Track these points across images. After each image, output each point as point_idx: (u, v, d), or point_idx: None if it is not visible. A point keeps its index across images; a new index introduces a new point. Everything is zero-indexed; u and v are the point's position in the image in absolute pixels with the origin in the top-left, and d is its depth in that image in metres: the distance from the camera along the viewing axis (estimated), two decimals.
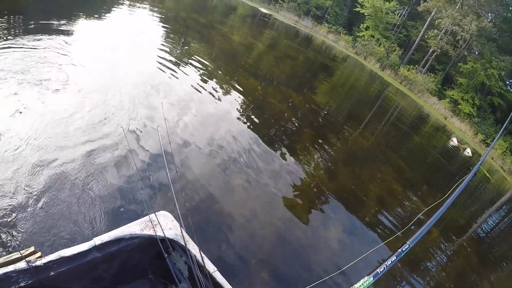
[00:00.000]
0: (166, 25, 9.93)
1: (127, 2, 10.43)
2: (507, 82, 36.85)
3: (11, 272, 1.39)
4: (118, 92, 4.70)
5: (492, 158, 24.39)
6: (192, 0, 20.34)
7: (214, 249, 2.94)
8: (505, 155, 25.20)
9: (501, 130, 2.63)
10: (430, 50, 28.28)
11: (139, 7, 10.62)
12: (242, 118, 5.93)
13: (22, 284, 1.40)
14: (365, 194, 6.07)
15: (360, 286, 0.47)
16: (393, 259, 0.76)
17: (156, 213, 1.97)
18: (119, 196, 2.89)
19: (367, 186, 6.44)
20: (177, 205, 1.88)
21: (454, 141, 18.33)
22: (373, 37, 27.82)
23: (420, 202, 7.11)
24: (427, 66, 27.66)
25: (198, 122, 4.93)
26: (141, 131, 3.93)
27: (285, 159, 5.30)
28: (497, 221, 11.27)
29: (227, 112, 5.90)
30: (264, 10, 29.01)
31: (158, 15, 10.56)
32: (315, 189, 5.09)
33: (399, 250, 0.80)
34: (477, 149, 23.61)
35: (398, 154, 10.27)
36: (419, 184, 8.59)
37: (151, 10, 10.95)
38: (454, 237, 6.73)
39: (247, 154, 4.74)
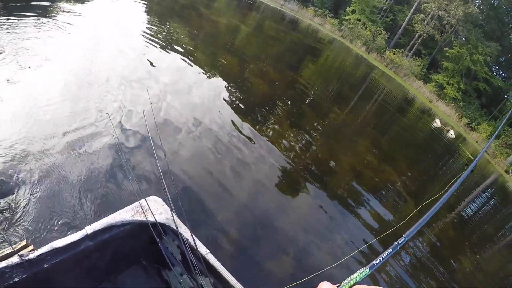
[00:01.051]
0: (152, 7, 9.61)
1: None
2: (493, 68, 37.97)
3: (4, 268, 1.39)
4: (102, 76, 4.57)
5: (476, 142, 25.04)
6: None
7: (205, 231, 2.98)
8: (489, 139, 25.90)
9: (504, 120, 2.58)
10: (417, 35, 28.67)
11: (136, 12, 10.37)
12: (228, 100, 5.91)
13: (16, 279, 1.41)
14: (355, 175, 6.14)
15: (356, 277, 0.53)
16: (389, 251, 0.79)
17: (146, 198, 1.97)
18: (108, 183, 2.90)
19: (360, 170, 6.49)
20: (166, 189, 1.88)
21: (437, 123, 18.71)
22: (359, 20, 27.97)
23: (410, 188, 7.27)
24: (413, 50, 28.04)
25: (185, 106, 4.91)
26: (127, 116, 3.88)
27: (273, 141, 5.32)
28: (482, 204, 11.57)
29: (214, 95, 5.88)
30: None
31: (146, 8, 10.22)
32: (304, 172, 5.11)
33: (396, 243, 0.82)
34: (462, 132, 24.20)
35: (386, 135, 10.49)
36: (415, 173, 8.77)
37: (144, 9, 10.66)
38: (439, 220, 6.83)
39: (235, 136, 4.76)
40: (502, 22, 35.96)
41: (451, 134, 18.52)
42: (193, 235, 1.83)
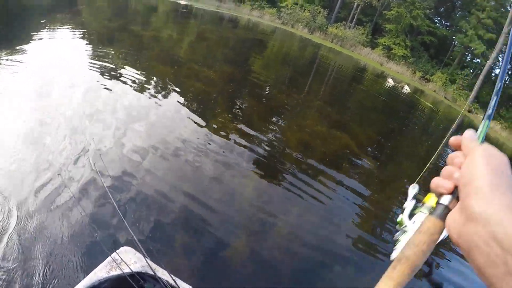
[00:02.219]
0: (91, 40, 9.20)
1: (48, 26, 9.94)
2: (436, 20, 40.14)
3: None
4: (51, 124, 4.38)
5: (434, 91, 26.43)
6: (112, 8, 20.08)
7: (184, 267, 2.94)
8: (445, 85, 27.41)
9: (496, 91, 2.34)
10: (355, 5, 30.00)
11: (61, 29, 9.89)
12: (187, 116, 5.73)
13: None
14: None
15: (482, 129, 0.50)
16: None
17: (117, 251, 1.98)
18: (75, 246, 2.82)
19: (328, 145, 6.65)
20: (134, 237, 1.92)
21: (390, 82, 19.58)
22: (297, 4, 28.96)
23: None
24: (354, 20, 29.30)
25: (135, 141, 4.61)
26: (77, 168, 3.76)
27: (238, 145, 5.22)
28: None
29: (172, 115, 5.67)
30: (184, 2, 29.17)
31: (82, 32, 9.85)
32: (280, 166, 5.09)
33: None
34: (418, 86, 25.50)
35: (347, 106, 10.92)
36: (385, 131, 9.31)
37: (74, 28, 10.24)
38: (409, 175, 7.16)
39: (195, 159, 4.54)
40: None
41: (406, 89, 19.50)
42: (172, 276, 1.85)
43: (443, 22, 38.89)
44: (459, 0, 39.66)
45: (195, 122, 5.56)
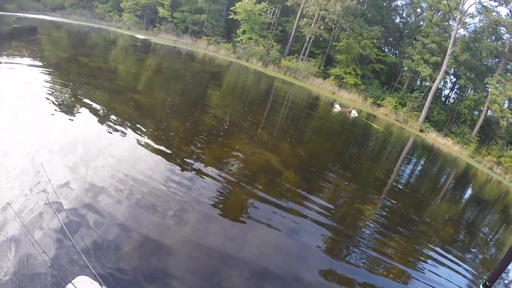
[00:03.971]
0: (50, 75, 9.38)
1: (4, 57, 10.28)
2: (385, 49, 44.32)
3: None
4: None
5: (386, 115, 28.92)
6: (72, 40, 20.68)
7: None
8: (396, 109, 30.13)
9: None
10: (307, 38, 32.90)
11: (13, 57, 10.28)
12: (145, 150, 5.82)
13: None
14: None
15: None
16: None
17: (73, 281, 2.04)
18: (29, 280, 2.77)
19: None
20: (89, 265, 1.99)
21: (337, 107, 20.99)
22: (251, 39, 31.40)
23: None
24: (307, 53, 32.04)
25: (90, 173, 4.68)
26: (29, 199, 3.78)
27: (198, 180, 5.32)
28: (411, 166, 13.90)
29: (129, 149, 5.74)
30: (142, 37, 30.75)
31: (42, 64, 10.20)
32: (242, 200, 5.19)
33: None
34: (370, 111, 27.87)
35: (303, 134, 11.63)
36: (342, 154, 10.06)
37: (33, 60, 10.55)
38: (375, 191, 8.03)
39: (150, 187, 4.68)
40: (380, 7, 42.89)
41: (354, 113, 20.73)
42: None
43: (393, 50, 43.20)
44: (406, 29, 44.48)
45: (149, 155, 5.68)
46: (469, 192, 14.85)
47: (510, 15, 34.12)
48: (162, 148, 6.13)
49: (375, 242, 5.27)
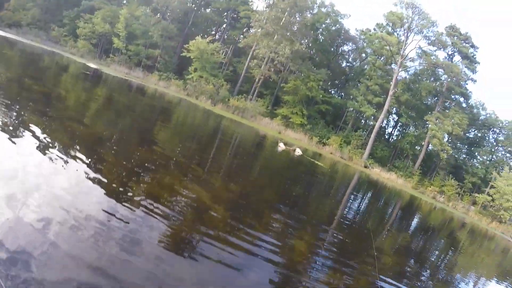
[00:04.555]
0: None
1: None
2: (332, 91, 47.83)
3: None
4: None
5: (331, 153, 30.54)
6: (23, 60, 19.94)
7: None
8: (341, 147, 32.02)
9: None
10: (257, 79, 34.66)
11: None
12: (90, 189, 5.70)
13: None
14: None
15: None
16: None
17: None
18: None
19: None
20: None
21: (282, 146, 21.60)
22: (202, 77, 32.39)
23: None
24: (255, 93, 33.66)
25: (28, 210, 4.34)
26: None
27: (150, 220, 5.29)
28: (358, 201, 14.28)
29: (74, 185, 5.65)
30: (94, 66, 30.40)
31: None
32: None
33: None
34: (315, 150, 29.34)
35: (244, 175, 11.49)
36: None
37: None
38: (326, 227, 8.26)
39: (82, 219, 4.55)
40: (328, 52, 46.73)
41: (298, 152, 21.28)
42: None
43: (338, 92, 46.80)
44: (351, 72, 48.62)
45: (99, 193, 5.55)
46: (415, 221, 15.88)
47: (447, 58, 39.11)
48: (101, 181, 6.03)
49: (326, 275, 5.41)
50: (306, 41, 42.25)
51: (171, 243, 4.86)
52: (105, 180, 6.32)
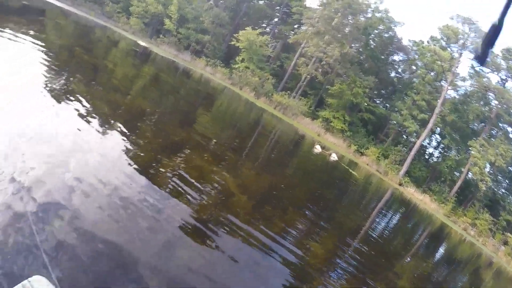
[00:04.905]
0: (48, 60, 9.34)
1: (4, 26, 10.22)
2: (377, 101, 46.34)
3: None
4: None
5: (367, 164, 29.76)
6: (76, 32, 20.93)
7: None
8: (379, 159, 31.09)
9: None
10: (303, 77, 34.29)
11: (16, 34, 10.03)
12: (123, 160, 5.76)
13: None
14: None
15: None
16: None
17: (29, 278, 2.03)
18: None
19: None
20: (49, 267, 2.04)
21: (318, 148, 21.25)
22: (248, 68, 32.54)
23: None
24: (300, 92, 33.32)
25: (66, 172, 4.54)
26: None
27: (176, 196, 5.34)
28: (387, 218, 14.01)
29: (108, 153, 5.74)
30: (144, 44, 31.44)
31: (42, 49, 10.13)
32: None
33: None
34: (352, 158, 28.70)
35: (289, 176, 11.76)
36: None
37: (34, 39, 10.65)
38: (349, 238, 8.13)
39: (120, 196, 4.61)
40: (378, 59, 45.27)
41: (334, 157, 20.85)
42: None
43: (384, 102, 45.23)
44: (399, 84, 46.86)
45: (131, 165, 5.60)
46: (441, 250, 15.18)
47: (500, 82, 36.62)
48: (135, 155, 6.12)
49: (336, 285, 5.35)
50: (356, 45, 41.15)
51: (190, 227, 4.73)
52: (140, 153, 6.45)
